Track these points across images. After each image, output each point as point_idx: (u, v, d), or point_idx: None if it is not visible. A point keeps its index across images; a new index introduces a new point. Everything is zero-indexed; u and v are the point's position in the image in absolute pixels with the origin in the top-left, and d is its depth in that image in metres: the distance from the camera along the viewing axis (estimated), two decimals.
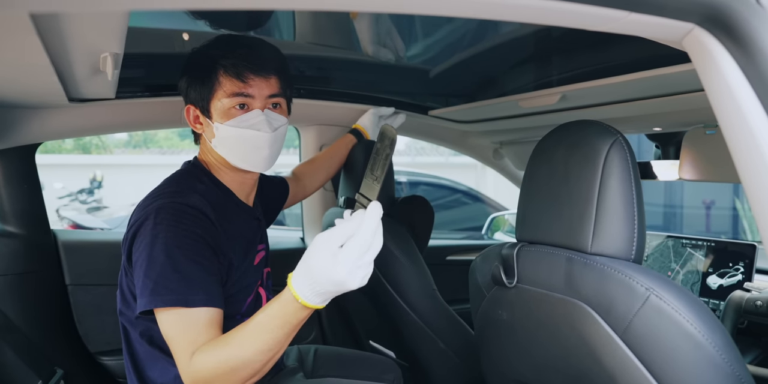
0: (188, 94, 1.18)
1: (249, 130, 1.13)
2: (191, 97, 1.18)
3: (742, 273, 1.73)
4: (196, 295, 0.98)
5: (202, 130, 1.20)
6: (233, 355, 0.91)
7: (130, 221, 1.10)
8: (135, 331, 1.13)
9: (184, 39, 1.55)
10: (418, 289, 1.53)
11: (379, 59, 1.71)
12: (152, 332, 1.10)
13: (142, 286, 1.00)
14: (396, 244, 1.54)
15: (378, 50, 1.68)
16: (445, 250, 2.43)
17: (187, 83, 1.17)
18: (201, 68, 1.14)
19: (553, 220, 0.92)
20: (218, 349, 0.93)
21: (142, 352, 1.13)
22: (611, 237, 0.85)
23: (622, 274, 0.80)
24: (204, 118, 1.18)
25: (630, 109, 1.42)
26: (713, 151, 1.49)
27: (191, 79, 1.16)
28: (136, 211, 1.10)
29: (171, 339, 0.97)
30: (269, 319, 0.91)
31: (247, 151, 1.15)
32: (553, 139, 0.96)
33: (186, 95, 1.19)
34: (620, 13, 0.58)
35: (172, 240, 1.00)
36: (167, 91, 1.65)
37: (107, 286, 1.76)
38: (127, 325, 1.15)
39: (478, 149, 2.33)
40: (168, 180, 1.19)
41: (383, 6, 0.59)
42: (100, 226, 3.62)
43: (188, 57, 1.19)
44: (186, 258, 1.00)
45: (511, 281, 0.98)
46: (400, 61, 1.74)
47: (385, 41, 1.62)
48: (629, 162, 0.86)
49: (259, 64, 1.13)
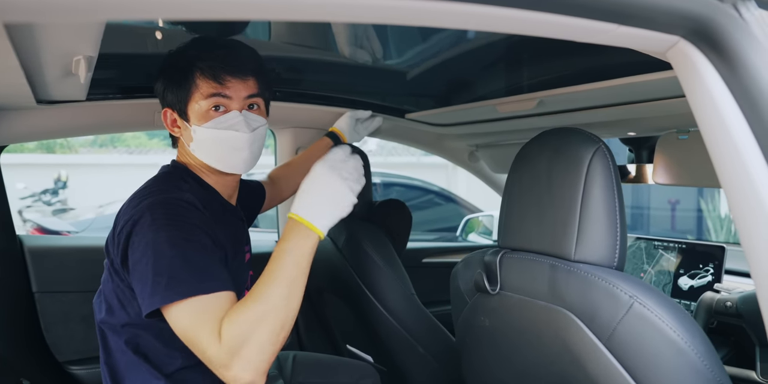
0: (165, 96, 1.16)
1: (227, 130, 1.12)
2: (168, 99, 1.16)
3: (711, 274, 1.77)
4: (211, 281, 0.96)
5: (179, 133, 1.18)
6: (257, 309, 0.91)
7: (119, 222, 1.05)
8: (119, 340, 1.09)
9: (157, 38, 1.52)
10: (397, 294, 1.53)
11: (356, 61, 1.70)
12: (139, 340, 1.07)
13: (153, 283, 0.95)
14: (374, 248, 1.53)
15: (355, 51, 1.67)
16: (420, 252, 2.43)
17: (164, 86, 1.16)
18: (177, 70, 1.13)
19: (537, 227, 0.93)
20: (239, 310, 0.92)
21: (123, 362, 1.09)
22: (594, 244, 0.86)
23: (605, 282, 0.81)
24: (182, 121, 1.16)
25: (606, 115, 1.44)
26: (686, 155, 1.52)
27: (168, 81, 1.15)
28: (125, 211, 1.06)
29: (193, 328, 0.92)
30: (281, 258, 0.94)
31: (226, 152, 1.14)
32: (536, 145, 0.96)
33: (163, 98, 1.17)
34: (609, 26, 0.58)
35: (174, 232, 0.98)
36: (140, 93, 1.61)
37: (76, 293, 1.71)
38: (110, 333, 1.10)
39: (453, 152, 2.34)
40: (152, 180, 1.16)
41: (380, 18, 0.58)
42: (67, 229, 3.52)
43: (164, 59, 1.17)
44: (192, 248, 0.98)
45: (494, 288, 0.98)
46: (377, 62, 1.73)
47: (362, 42, 1.61)
48: (611, 170, 0.87)
49: (236, 66, 1.12)
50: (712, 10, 0.62)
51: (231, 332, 0.90)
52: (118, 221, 1.07)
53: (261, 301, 0.92)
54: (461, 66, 1.68)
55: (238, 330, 0.90)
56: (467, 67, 1.69)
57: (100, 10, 0.53)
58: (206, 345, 0.91)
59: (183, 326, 0.94)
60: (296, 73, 1.84)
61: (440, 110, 1.78)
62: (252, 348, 0.90)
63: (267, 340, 0.91)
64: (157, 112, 1.65)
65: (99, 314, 1.12)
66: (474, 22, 0.59)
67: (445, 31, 1.51)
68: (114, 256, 1.06)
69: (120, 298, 1.07)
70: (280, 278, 0.93)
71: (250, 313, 0.91)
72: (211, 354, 0.91)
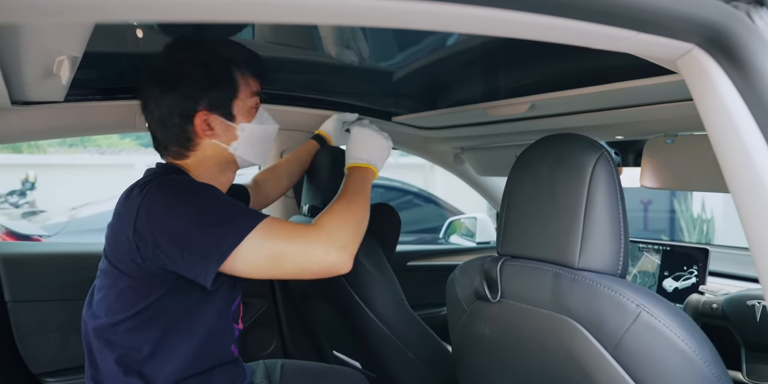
0: (201, 100, 1.11)
1: (267, 125, 1.21)
2: (207, 101, 1.11)
3: (696, 276, 1.79)
4: (259, 213, 1.04)
5: (211, 135, 1.13)
6: (340, 212, 1.08)
7: (128, 213, 1.01)
8: (109, 356, 1.05)
9: (137, 37, 1.47)
10: (387, 300, 1.51)
11: (343, 61, 1.67)
12: (130, 353, 1.05)
13: (210, 233, 0.97)
14: (364, 254, 1.51)
15: (341, 52, 1.64)
16: (405, 255, 2.42)
17: (201, 89, 1.10)
18: (217, 72, 1.11)
19: (539, 234, 0.91)
20: (324, 215, 1.08)
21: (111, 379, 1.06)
22: (599, 252, 0.85)
23: (612, 291, 0.80)
24: (222, 122, 1.13)
25: (598, 118, 1.44)
26: (673, 160, 1.53)
27: (207, 83, 1.10)
28: (131, 202, 1.02)
29: (283, 241, 1.00)
30: (354, 192, 1.16)
31: (265, 146, 1.24)
32: (537, 152, 0.95)
33: (196, 102, 1.11)
34: (629, 34, 0.57)
35: (198, 190, 1.04)
36: (120, 94, 1.55)
37: (51, 301, 1.65)
38: (103, 344, 1.06)
39: (439, 154, 2.33)
40: (148, 174, 1.14)
41: (387, 21, 0.55)
42: (38, 232, 3.40)
43: (192, 64, 1.11)
44: (220, 198, 1.04)
45: (495, 296, 0.96)
46: (364, 63, 1.71)
47: (348, 42, 1.59)
48: (615, 177, 0.86)
49: (261, 64, 1.21)
50: (727, 17, 0.61)
51: (326, 224, 1.04)
52: (125, 214, 1.02)
53: (343, 208, 1.10)
54: (450, 68, 1.67)
55: (331, 222, 1.05)
56: (456, 69, 1.68)
57: (93, 11, 0.50)
58: (303, 234, 1.01)
59: (270, 250, 0.99)
60: (282, 74, 1.80)
61: (428, 113, 1.77)
62: (347, 236, 1.04)
63: (354, 231, 1.07)
64: (139, 113, 1.60)
65: (95, 322, 1.07)
66: (489, 26, 0.57)
67: (433, 32, 1.49)
68: (128, 252, 1.01)
69: (132, 298, 1.04)
70: (352, 204, 1.11)
71: (334, 215, 1.07)
72: (314, 245, 1.00)
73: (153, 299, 1.05)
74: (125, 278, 1.04)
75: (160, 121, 1.12)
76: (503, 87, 1.64)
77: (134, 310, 1.05)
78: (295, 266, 1.01)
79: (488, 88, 1.68)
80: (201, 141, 1.14)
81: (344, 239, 1.03)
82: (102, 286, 1.09)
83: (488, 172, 2.31)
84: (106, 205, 4.20)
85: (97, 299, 1.10)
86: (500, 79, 1.63)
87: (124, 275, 1.04)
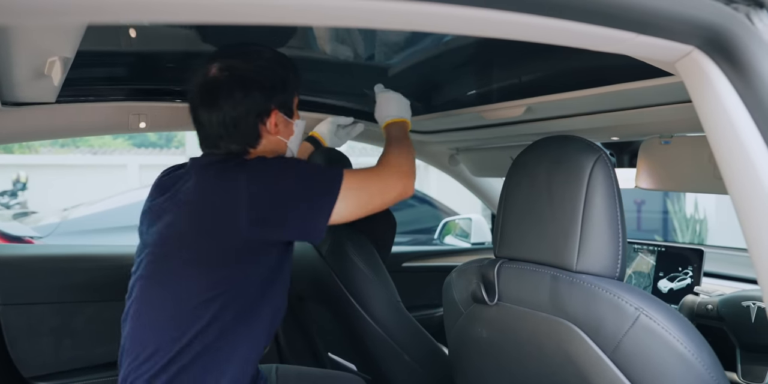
0: (276, 100, 1.22)
1: (303, 120, 1.33)
2: (279, 101, 1.22)
3: (690, 277, 1.79)
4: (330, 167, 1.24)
5: (277, 132, 1.23)
6: (394, 154, 1.31)
7: (227, 182, 1.10)
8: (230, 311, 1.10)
9: (131, 37, 1.45)
10: (383, 302, 1.50)
11: (338, 60, 1.66)
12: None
13: (315, 191, 1.12)
14: (360, 256, 1.50)
15: (336, 50, 1.63)
16: (400, 256, 2.41)
17: (278, 90, 1.22)
18: (286, 74, 1.23)
19: (536, 237, 0.91)
20: (382, 157, 1.32)
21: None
22: (597, 255, 0.84)
23: (610, 294, 0.80)
24: (285, 119, 1.24)
25: (593, 122, 1.44)
26: (669, 161, 1.53)
27: (281, 85, 1.22)
28: (229, 174, 1.11)
29: (364, 182, 1.21)
30: (399, 138, 1.39)
31: (302, 138, 1.36)
32: (534, 154, 0.95)
33: (272, 102, 1.21)
34: (628, 35, 0.57)
35: (289, 160, 1.21)
36: (114, 96, 1.54)
37: (43, 304, 1.63)
38: (218, 307, 1.09)
39: (433, 155, 2.32)
40: (210, 158, 1.23)
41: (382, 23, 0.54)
42: (29, 234, 3.37)
43: (270, 68, 1.21)
44: (305, 162, 1.29)
45: (492, 299, 0.96)
46: (359, 59, 1.70)
47: (343, 38, 1.58)
48: (613, 179, 0.86)
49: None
50: (727, 19, 0.61)
51: (389, 161, 1.28)
52: (224, 190, 1.09)
53: (395, 150, 1.33)
54: (443, 70, 1.66)
55: (393, 159, 1.29)
56: (449, 71, 1.67)
57: (86, 12, 0.49)
58: (380, 177, 1.24)
59: (359, 192, 1.17)
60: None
61: (422, 117, 1.76)
62: (409, 166, 1.29)
63: (412, 163, 1.32)
64: (132, 114, 1.59)
65: (201, 296, 1.08)
66: (487, 28, 0.57)
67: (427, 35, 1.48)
68: (222, 229, 1.08)
69: (254, 236, 1.09)
70: (398, 141, 1.37)
71: (391, 155, 1.30)
72: (388, 178, 1.24)
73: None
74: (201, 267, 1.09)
75: (233, 122, 1.17)
76: (498, 89, 1.63)
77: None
78: (381, 199, 1.21)
79: (483, 91, 1.68)
80: (266, 137, 1.22)
81: (408, 168, 1.28)
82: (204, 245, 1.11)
83: (483, 173, 2.30)
84: (98, 206, 4.16)
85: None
86: (495, 81, 1.62)
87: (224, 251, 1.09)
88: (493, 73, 1.55)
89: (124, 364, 1.12)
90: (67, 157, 11.48)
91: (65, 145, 13.75)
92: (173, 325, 1.08)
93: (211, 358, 1.09)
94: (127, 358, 1.11)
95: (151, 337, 1.09)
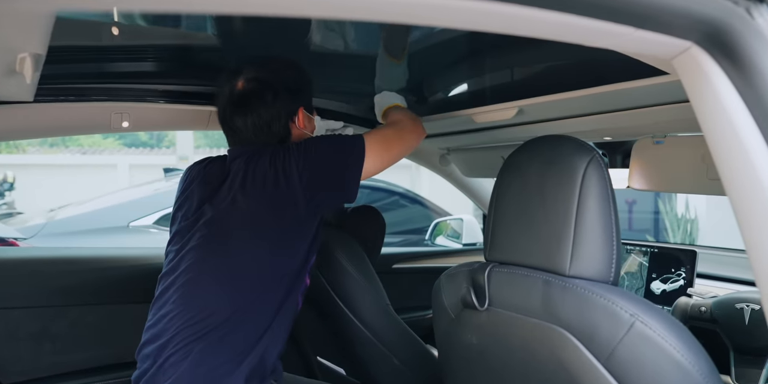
0: (301, 101, 1.38)
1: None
2: (303, 100, 1.39)
3: (684, 278, 1.78)
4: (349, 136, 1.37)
5: (304, 127, 1.39)
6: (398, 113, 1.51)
7: (284, 162, 1.24)
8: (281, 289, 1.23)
9: (113, 33, 1.42)
10: (372, 306, 1.47)
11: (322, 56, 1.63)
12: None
13: (349, 154, 1.27)
14: (348, 258, 1.47)
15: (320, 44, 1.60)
16: (391, 258, 2.38)
17: (302, 92, 1.39)
18: (301, 75, 1.39)
19: (528, 240, 0.88)
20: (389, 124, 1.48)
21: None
22: (590, 259, 0.81)
23: (604, 299, 0.77)
24: (308, 116, 1.40)
25: (586, 124, 1.41)
26: (663, 161, 1.51)
27: (304, 87, 1.40)
28: (283, 156, 1.25)
29: (386, 136, 1.38)
30: (397, 110, 1.54)
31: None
32: (526, 154, 0.92)
33: (294, 101, 1.36)
34: (627, 30, 0.54)
35: (322, 138, 1.35)
36: (95, 96, 1.49)
37: (22, 309, 1.59)
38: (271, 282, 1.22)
39: (423, 155, 2.29)
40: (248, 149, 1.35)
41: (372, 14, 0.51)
42: (13, 235, 3.31)
43: (293, 74, 1.38)
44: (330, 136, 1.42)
45: (483, 304, 0.93)
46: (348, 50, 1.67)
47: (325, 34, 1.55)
48: (607, 180, 0.83)
49: None
50: (727, 13, 0.58)
51: (397, 117, 1.48)
52: (282, 170, 1.23)
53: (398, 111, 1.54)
54: (431, 71, 1.63)
55: (399, 114, 1.49)
56: (438, 72, 1.64)
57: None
58: (395, 129, 1.41)
59: (383, 145, 1.34)
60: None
61: None
62: (414, 114, 1.50)
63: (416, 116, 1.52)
64: (114, 113, 1.55)
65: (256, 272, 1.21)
66: (474, 20, 0.54)
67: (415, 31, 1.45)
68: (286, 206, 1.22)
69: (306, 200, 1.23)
70: (397, 110, 1.54)
71: (397, 113, 1.51)
72: (404, 127, 1.43)
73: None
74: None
75: (268, 123, 1.32)
76: (489, 91, 1.60)
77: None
78: (404, 145, 1.41)
79: (473, 92, 1.65)
80: (294, 133, 1.37)
81: (416, 115, 1.50)
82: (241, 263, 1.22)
83: (475, 174, 2.27)
84: (86, 207, 4.10)
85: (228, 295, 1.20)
86: (486, 81, 1.59)
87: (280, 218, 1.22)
88: (483, 73, 1.52)
89: (170, 328, 1.18)
90: (56, 157, 11.37)
91: (54, 144, 13.61)
92: (231, 293, 1.19)
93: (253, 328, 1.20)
94: (177, 322, 1.18)
95: (209, 302, 1.18)
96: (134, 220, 3.63)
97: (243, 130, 1.33)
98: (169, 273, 1.26)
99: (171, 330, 1.17)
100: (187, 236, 1.26)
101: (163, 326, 1.19)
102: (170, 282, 1.24)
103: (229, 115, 1.33)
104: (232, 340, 1.16)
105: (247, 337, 1.17)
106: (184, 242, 1.26)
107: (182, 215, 1.32)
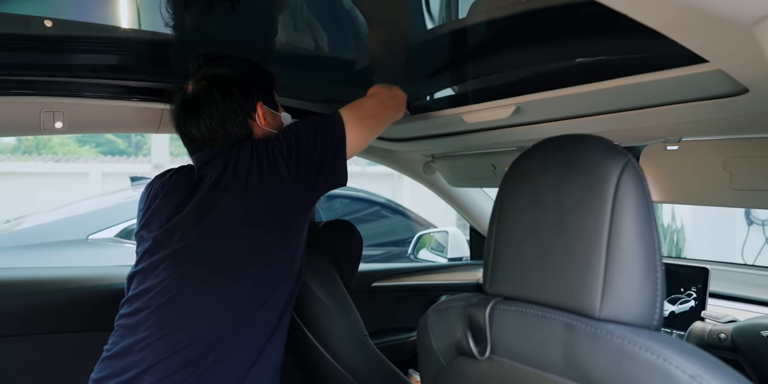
0: (255, 94, 1.28)
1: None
2: (260, 96, 1.28)
3: (694, 299, 1.61)
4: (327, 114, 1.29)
5: (266, 124, 1.29)
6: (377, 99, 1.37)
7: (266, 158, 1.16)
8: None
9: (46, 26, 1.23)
10: (345, 337, 1.27)
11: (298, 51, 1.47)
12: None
13: (332, 137, 1.21)
14: (318, 282, 1.26)
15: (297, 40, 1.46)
16: (370, 275, 2.17)
17: (257, 88, 1.28)
18: (254, 69, 1.30)
19: (542, 270, 0.67)
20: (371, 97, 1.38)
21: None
22: (628, 297, 0.61)
23: (651, 354, 0.57)
24: (271, 112, 1.31)
25: (592, 125, 1.23)
26: (677, 169, 1.33)
27: (255, 80, 1.29)
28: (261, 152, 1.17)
29: (370, 110, 1.32)
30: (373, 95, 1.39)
31: None
32: (537, 159, 0.71)
33: (249, 97, 1.26)
34: None
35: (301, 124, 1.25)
36: (20, 90, 1.28)
37: None
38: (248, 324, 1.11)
39: (406, 163, 2.11)
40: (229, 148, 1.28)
41: None
42: None
43: (247, 70, 1.29)
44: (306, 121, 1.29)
45: (483, 351, 0.72)
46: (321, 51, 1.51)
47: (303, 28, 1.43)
48: (646, 192, 0.63)
49: None
50: None
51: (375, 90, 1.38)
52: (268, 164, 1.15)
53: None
54: (418, 62, 1.47)
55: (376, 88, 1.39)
56: (426, 64, 1.47)
57: None
58: (377, 99, 1.35)
59: (361, 108, 1.30)
60: None
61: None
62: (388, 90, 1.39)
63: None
64: (44, 111, 1.33)
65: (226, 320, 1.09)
66: None
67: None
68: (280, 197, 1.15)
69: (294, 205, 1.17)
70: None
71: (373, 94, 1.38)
72: (382, 96, 1.36)
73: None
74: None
75: (222, 123, 1.23)
76: (483, 86, 1.42)
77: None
78: (383, 116, 1.34)
79: (464, 88, 1.46)
80: (257, 132, 1.27)
81: (395, 86, 1.40)
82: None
83: (462, 183, 2.08)
84: (45, 217, 3.80)
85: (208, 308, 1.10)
86: (477, 75, 1.41)
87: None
88: (474, 65, 1.34)
89: (147, 358, 1.06)
90: (29, 165, 11.04)
91: (27, 151, 13.23)
92: (223, 308, 1.10)
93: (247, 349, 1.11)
94: (155, 350, 1.06)
95: (198, 322, 1.08)
96: (94, 232, 3.36)
97: (198, 137, 1.25)
98: (139, 296, 1.13)
99: (147, 360, 1.05)
100: (159, 254, 1.15)
101: (135, 358, 1.07)
102: (141, 305, 1.12)
103: (183, 123, 1.26)
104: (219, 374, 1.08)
105: (238, 367, 1.10)
106: (156, 261, 1.14)
107: (149, 233, 1.21)
